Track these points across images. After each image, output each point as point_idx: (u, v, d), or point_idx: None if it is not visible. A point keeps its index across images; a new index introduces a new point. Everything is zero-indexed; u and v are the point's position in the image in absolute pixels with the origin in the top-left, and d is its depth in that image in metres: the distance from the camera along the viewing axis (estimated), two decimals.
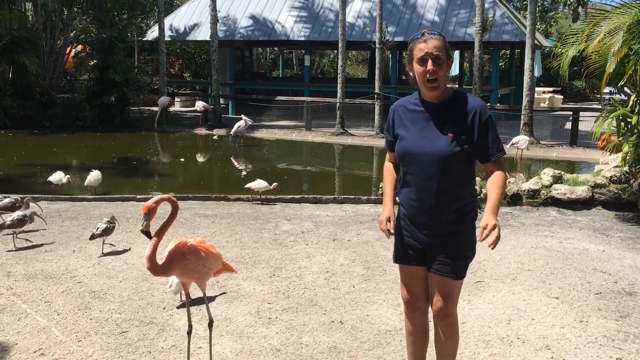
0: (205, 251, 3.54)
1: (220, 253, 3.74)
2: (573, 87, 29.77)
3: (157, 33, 21.32)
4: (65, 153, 15.22)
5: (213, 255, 3.61)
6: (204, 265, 3.53)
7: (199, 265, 3.49)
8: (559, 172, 8.71)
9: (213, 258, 3.61)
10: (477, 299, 5.01)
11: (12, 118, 18.14)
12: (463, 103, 2.96)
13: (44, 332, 4.31)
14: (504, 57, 28.11)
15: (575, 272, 5.72)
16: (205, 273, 3.59)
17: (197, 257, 3.47)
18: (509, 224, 7.50)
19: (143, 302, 4.89)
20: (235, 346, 4.12)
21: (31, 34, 18.52)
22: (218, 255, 3.69)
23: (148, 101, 22.55)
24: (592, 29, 8.07)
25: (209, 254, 3.56)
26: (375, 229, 7.15)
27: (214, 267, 3.65)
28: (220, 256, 3.74)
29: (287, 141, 17.29)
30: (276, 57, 37.94)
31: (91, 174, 9.58)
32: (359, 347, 4.14)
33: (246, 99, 22.02)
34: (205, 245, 3.58)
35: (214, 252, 3.64)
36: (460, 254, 3.04)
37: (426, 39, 2.89)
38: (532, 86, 16.14)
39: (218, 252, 3.71)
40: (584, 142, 15.44)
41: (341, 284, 5.34)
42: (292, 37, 22.07)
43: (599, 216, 7.97)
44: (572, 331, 4.41)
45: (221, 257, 3.76)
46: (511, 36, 19.53)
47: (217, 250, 3.70)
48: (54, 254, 6.10)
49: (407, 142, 3.01)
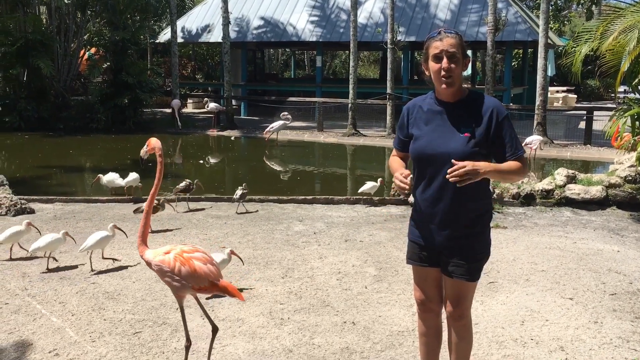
0: (182, 263, 3.37)
1: (208, 271, 3.42)
2: (587, 86, 29.55)
3: (169, 35, 21.47)
4: (82, 155, 15.35)
5: (190, 270, 3.37)
6: (176, 277, 3.36)
7: (167, 277, 3.39)
8: (573, 172, 8.64)
9: (190, 273, 3.37)
10: (491, 300, 4.98)
11: (26, 120, 18.33)
12: (479, 103, 2.95)
13: (58, 332, 4.35)
14: (517, 56, 27.97)
15: (589, 272, 5.67)
16: (178, 287, 3.40)
17: (162, 271, 3.39)
18: (522, 225, 7.45)
19: (156, 302, 4.92)
20: (248, 347, 4.13)
21: (45, 37, 18.72)
22: (197, 271, 3.39)
23: (161, 103, 22.70)
24: (606, 27, 8.00)
25: (185, 267, 3.37)
26: (388, 230, 7.14)
27: (191, 283, 3.39)
28: (204, 274, 3.41)
29: (298, 142, 17.31)
30: (288, 58, 38.03)
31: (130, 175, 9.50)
32: (371, 348, 4.13)
33: (258, 100, 22.10)
34: (185, 257, 3.40)
35: (191, 267, 3.38)
36: (475, 256, 3.02)
37: (442, 37, 2.88)
38: (546, 85, 16.05)
39: (204, 269, 3.41)
40: (598, 141, 15.29)
41: (353, 285, 5.34)
42: (304, 38, 22.11)
43: (613, 216, 7.90)
44: (587, 332, 4.37)
45: (208, 275, 3.41)
46: (524, 35, 19.42)
47: (203, 267, 3.41)
48: (68, 255, 6.15)
49: (422, 142, 2.99)
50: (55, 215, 7.78)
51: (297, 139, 17.57)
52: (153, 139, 3.65)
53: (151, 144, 3.63)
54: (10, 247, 6.10)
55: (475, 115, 2.92)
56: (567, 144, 15.89)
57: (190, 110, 24.38)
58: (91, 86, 20.68)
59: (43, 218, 7.60)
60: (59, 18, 20.07)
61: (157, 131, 18.99)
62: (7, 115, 18.37)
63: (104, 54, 20.10)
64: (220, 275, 3.52)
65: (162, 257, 3.40)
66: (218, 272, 3.50)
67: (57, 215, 7.74)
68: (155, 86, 20.56)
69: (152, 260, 3.42)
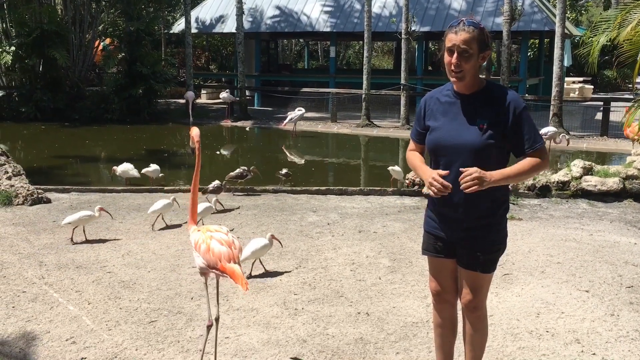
0: (203, 241, 3.54)
1: (219, 252, 3.49)
2: (604, 77, 29.17)
3: (183, 26, 21.47)
4: (97, 145, 15.45)
5: (205, 248, 3.50)
6: (196, 253, 3.56)
7: (194, 252, 3.61)
8: (589, 163, 8.55)
9: (205, 251, 3.50)
10: (505, 292, 4.96)
11: (42, 111, 18.48)
12: (496, 94, 2.92)
13: (75, 320, 4.40)
14: (533, 46, 27.66)
15: (606, 265, 5.63)
16: (199, 265, 3.55)
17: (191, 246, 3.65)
18: (538, 216, 7.40)
19: (171, 292, 4.95)
20: (262, 336, 4.15)
21: (61, 28, 18.82)
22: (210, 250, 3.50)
23: (175, 93, 22.76)
24: (625, 17, 7.89)
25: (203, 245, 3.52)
26: (402, 221, 7.12)
27: (206, 260, 3.51)
28: (215, 254, 3.49)
29: (312, 132, 17.29)
30: (301, 48, 37.92)
31: (151, 166, 9.65)
32: (385, 338, 4.13)
33: (272, 91, 22.07)
34: (206, 236, 3.55)
35: (207, 245, 3.51)
36: (491, 248, 3.00)
37: (457, 30, 2.84)
38: (562, 76, 15.87)
39: (216, 249, 3.49)
40: (615, 132, 15.12)
41: (367, 276, 5.34)
42: (318, 28, 22.03)
43: (630, 208, 7.81)
44: (603, 325, 4.34)
45: (218, 256, 3.48)
46: (540, 25, 19.19)
47: (217, 247, 3.50)
48: (84, 245, 6.21)
49: (438, 133, 2.98)
50: (71, 204, 7.85)
51: (310, 130, 17.55)
52: (194, 129, 3.82)
53: (192, 133, 3.81)
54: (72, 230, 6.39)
55: (492, 106, 2.90)
56: (584, 135, 15.72)
57: (204, 100, 24.43)
58: (106, 77, 20.77)
59: (59, 208, 7.67)
60: (74, 9, 20.17)
61: (171, 122, 19.10)
62: (24, 106, 18.55)
63: (119, 44, 20.17)
64: (235, 258, 3.53)
65: (195, 234, 3.64)
66: (231, 255, 3.53)
67: (73, 205, 7.81)
68: (169, 77, 20.61)
69: (190, 235, 3.68)
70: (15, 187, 7.93)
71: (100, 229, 6.75)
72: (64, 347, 3.99)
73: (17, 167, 8.60)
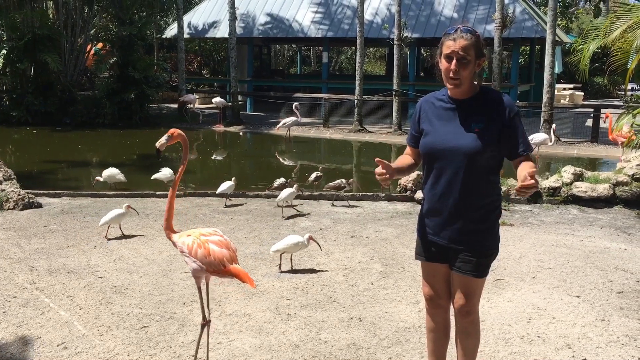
0: (199, 246, 3.49)
1: (221, 255, 3.50)
2: (594, 84, 29.39)
3: (176, 30, 21.47)
4: (89, 150, 15.39)
5: (205, 252, 3.48)
6: (192, 259, 3.51)
7: (186, 258, 3.56)
8: (580, 169, 8.61)
9: (204, 255, 3.48)
10: (497, 297, 4.98)
11: (34, 115, 18.39)
12: (490, 99, 2.96)
13: (66, 326, 4.37)
14: (524, 53, 27.84)
15: (596, 270, 5.66)
16: (195, 269, 3.53)
17: (183, 252, 3.58)
18: (529, 222, 7.44)
19: (163, 297, 4.94)
20: (255, 342, 4.15)
21: (52, 32, 18.77)
22: (211, 254, 3.49)
23: (167, 98, 22.70)
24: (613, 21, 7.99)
25: (200, 249, 3.49)
26: (394, 226, 7.14)
27: (205, 265, 3.49)
28: (217, 257, 3.49)
29: (304, 138, 17.30)
30: (294, 54, 37.97)
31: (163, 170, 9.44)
32: (377, 344, 4.14)
33: (264, 96, 22.08)
34: (202, 240, 3.52)
35: (205, 250, 3.49)
36: (484, 252, 3.03)
37: (455, 37, 2.87)
38: (553, 83, 15.98)
39: (218, 252, 3.50)
40: (605, 139, 15.19)
41: (360, 281, 5.35)
42: (310, 34, 22.07)
43: (620, 214, 7.87)
44: (594, 330, 4.37)
45: (221, 258, 3.49)
46: (531, 32, 19.33)
47: (217, 250, 3.50)
48: (75, 249, 6.18)
49: (432, 137, 3.01)
50: (62, 209, 7.81)
51: (303, 135, 17.56)
52: (176, 129, 3.76)
53: (176, 133, 3.71)
54: (107, 229, 6.64)
55: (486, 111, 2.93)
56: (574, 141, 15.83)
57: (196, 105, 24.37)
58: (98, 81, 20.75)
59: (50, 212, 7.64)
60: (66, 13, 20.11)
61: (163, 126, 19.03)
62: (15, 110, 18.44)
63: (111, 49, 20.13)
64: (235, 259, 3.58)
65: (184, 239, 3.58)
66: (232, 257, 3.59)
67: (65, 210, 7.78)
68: (161, 81, 20.57)
69: (177, 241, 3.62)
70: (6, 192, 7.88)
71: (92, 234, 6.72)
72: (55, 353, 3.97)
73: (8, 172, 8.56)
